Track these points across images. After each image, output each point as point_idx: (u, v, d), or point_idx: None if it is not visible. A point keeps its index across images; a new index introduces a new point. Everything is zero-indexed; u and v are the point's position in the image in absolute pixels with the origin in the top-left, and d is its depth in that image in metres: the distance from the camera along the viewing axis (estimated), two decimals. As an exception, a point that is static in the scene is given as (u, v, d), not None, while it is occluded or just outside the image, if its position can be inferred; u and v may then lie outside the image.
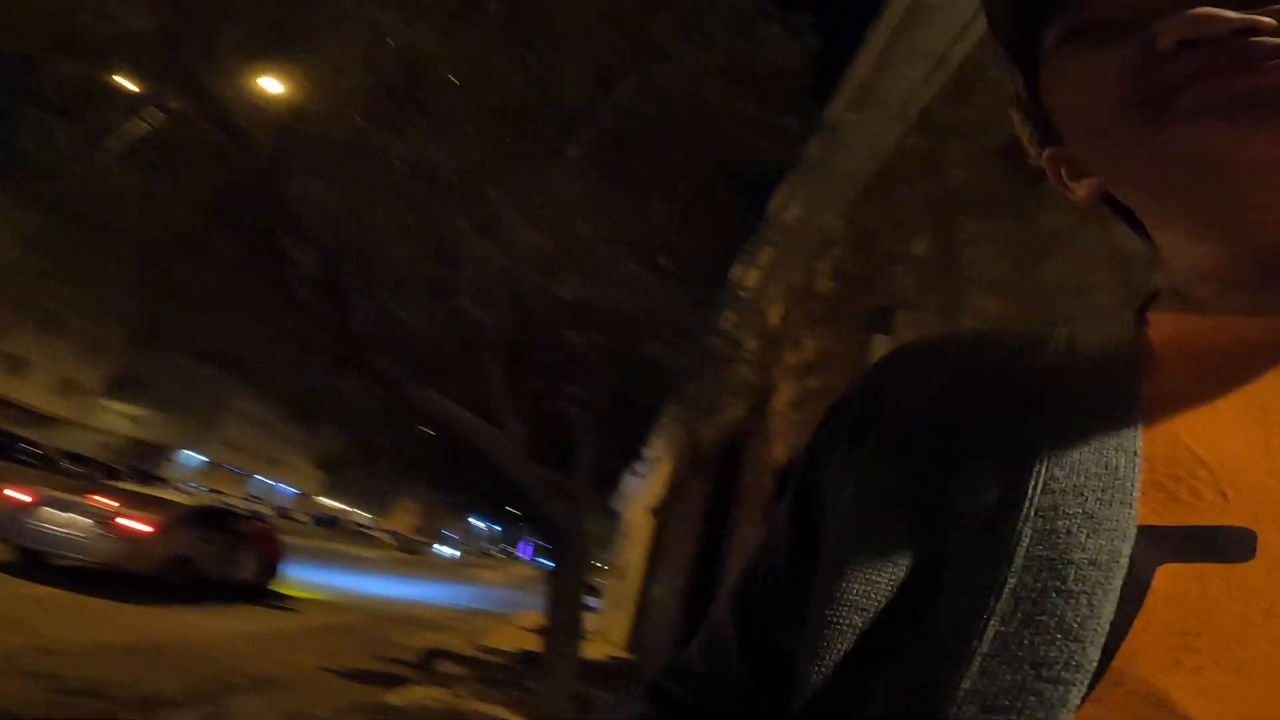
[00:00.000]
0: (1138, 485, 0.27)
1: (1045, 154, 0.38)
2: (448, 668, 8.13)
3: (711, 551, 7.65)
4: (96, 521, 7.82)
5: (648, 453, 10.75)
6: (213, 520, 9.52)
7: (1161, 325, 0.33)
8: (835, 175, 4.93)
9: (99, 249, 4.18)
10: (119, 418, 30.27)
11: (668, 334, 5.47)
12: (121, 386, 29.56)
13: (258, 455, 39.99)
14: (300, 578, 13.81)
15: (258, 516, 10.85)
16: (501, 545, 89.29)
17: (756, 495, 6.20)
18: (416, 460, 9.80)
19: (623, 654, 11.19)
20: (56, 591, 7.23)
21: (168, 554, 8.36)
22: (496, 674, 8.22)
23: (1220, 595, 0.24)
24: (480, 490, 12.31)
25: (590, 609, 15.71)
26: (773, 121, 4.03)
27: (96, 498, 8.19)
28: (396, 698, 6.08)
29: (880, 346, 4.29)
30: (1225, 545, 0.25)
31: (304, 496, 45.89)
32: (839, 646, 0.29)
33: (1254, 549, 0.25)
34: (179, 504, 9.20)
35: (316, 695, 5.80)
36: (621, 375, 5.30)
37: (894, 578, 0.29)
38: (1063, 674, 0.23)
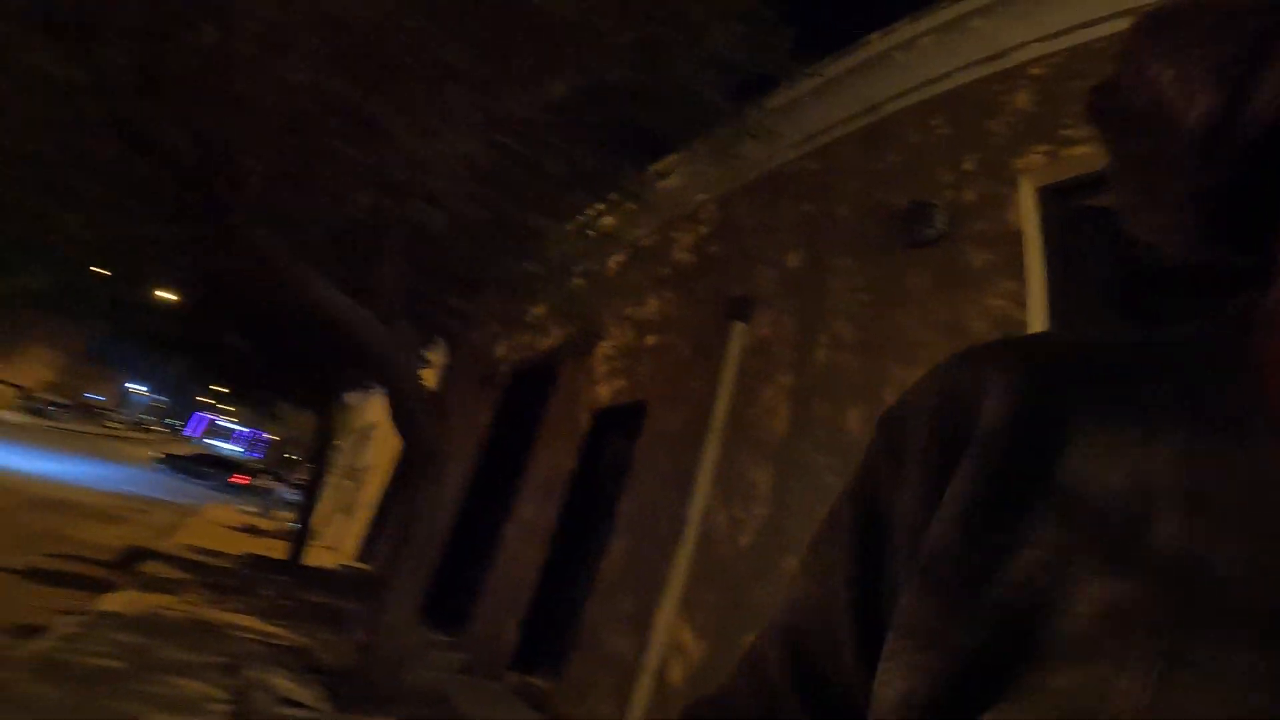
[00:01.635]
0: None
1: None
2: (159, 571, 7.00)
3: (495, 473, 7.67)
4: None
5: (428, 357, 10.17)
6: None
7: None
8: (726, 164, 5.05)
9: None
10: None
11: (530, 255, 5.27)
12: None
13: None
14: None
15: None
16: (166, 419, 76.49)
17: (570, 429, 6.38)
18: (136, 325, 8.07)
19: (356, 564, 10.69)
20: None
21: None
22: (224, 580, 7.31)
23: None
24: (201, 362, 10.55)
25: (289, 507, 14.45)
26: (711, 106, 4.03)
27: None
28: (114, 604, 5.12)
29: (740, 333, 4.66)
30: None
31: None
32: (937, 687, 0.27)
33: None
34: None
35: (5, 603, 4.62)
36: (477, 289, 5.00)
37: (1006, 614, 0.26)
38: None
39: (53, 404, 36.27)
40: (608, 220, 6.54)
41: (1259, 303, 0.30)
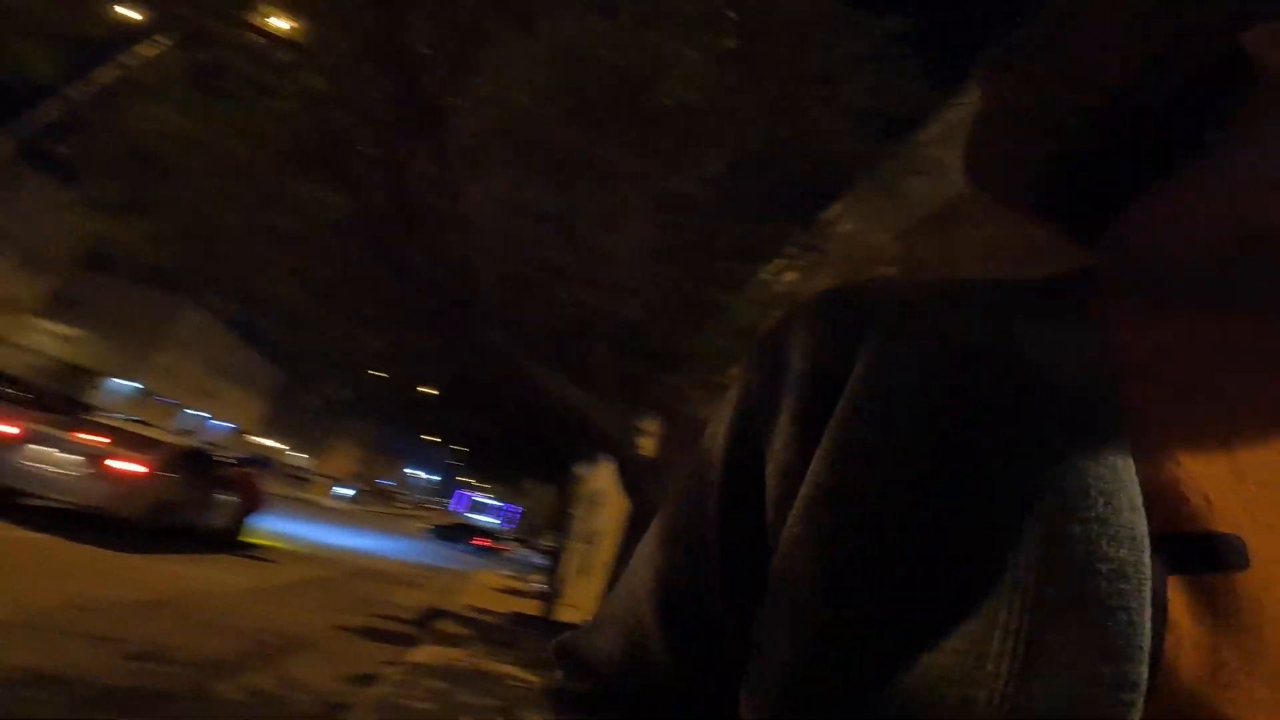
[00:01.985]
0: (1139, 489, 0.25)
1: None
2: (448, 627, 8.26)
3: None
4: (87, 460, 7.48)
5: (642, 426, 10.97)
6: (196, 462, 9.25)
7: (1126, 316, 0.30)
8: (897, 200, 5.01)
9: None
10: (50, 338, 28.10)
11: (718, 326, 5.61)
12: (60, 305, 27.33)
13: (192, 386, 38.07)
14: (261, 525, 13.57)
15: (242, 461, 10.57)
16: (437, 498, 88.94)
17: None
18: (424, 415, 9.78)
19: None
20: (38, 536, 6.91)
21: (154, 497, 8.11)
22: (494, 635, 8.41)
23: (1230, 607, 0.23)
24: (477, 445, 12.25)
25: (545, 570, 16.08)
26: (867, 151, 4.11)
27: (83, 435, 7.81)
28: (421, 657, 6.20)
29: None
30: (1223, 554, 0.24)
31: (238, 432, 44.21)
32: (817, 659, 0.26)
33: (1247, 557, 0.24)
34: (167, 443, 8.88)
35: (348, 655, 5.87)
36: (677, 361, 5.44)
37: (884, 586, 0.26)
38: (1121, 695, 0.22)
39: (357, 490, 44.36)
40: (790, 276, 6.71)
41: (1100, 269, 0.32)
